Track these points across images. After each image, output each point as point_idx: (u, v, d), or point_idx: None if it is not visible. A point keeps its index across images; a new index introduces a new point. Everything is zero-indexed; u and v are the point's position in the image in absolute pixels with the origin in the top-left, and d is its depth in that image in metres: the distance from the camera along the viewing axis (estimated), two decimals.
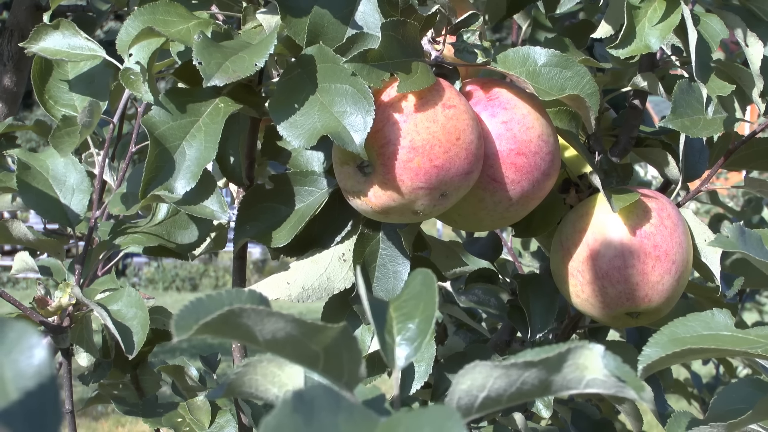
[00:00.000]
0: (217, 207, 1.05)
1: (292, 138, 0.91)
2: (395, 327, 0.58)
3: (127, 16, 1.97)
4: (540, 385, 0.54)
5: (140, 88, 1.06)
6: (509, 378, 0.53)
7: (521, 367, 0.52)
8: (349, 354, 0.53)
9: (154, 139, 0.98)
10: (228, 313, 0.49)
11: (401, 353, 0.57)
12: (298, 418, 0.39)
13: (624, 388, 0.54)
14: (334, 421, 0.40)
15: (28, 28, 1.78)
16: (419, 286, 0.59)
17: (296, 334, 0.51)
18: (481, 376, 0.53)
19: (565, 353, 0.52)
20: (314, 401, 0.40)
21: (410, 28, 0.94)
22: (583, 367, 0.53)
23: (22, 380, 0.37)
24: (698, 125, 1.05)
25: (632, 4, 1.07)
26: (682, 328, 0.80)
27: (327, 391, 0.41)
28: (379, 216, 0.97)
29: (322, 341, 0.52)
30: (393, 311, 0.59)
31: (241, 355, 1.24)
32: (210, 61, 0.91)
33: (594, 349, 0.53)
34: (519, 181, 1.00)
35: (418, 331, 0.57)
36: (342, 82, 0.92)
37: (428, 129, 0.92)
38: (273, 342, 0.51)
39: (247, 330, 0.50)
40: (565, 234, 1.13)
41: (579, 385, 0.54)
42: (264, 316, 0.50)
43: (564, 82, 0.99)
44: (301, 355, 0.53)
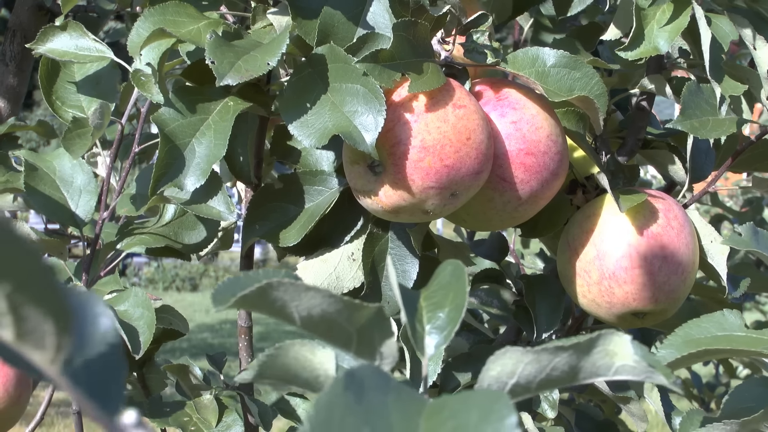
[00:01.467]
0: (223, 207, 1.06)
1: (303, 137, 0.92)
2: (425, 316, 0.58)
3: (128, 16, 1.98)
4: (570, 371, 0.54)
5: (151, 89, 1.06)
6: (540, 363, 0.53)
7: (552, 351, 0.52)
8: (381, 336, 0.54)
9: (164, 135, 0.98)
10: (266, 286, 0.49)
11: (431, 341, 0.57)
12: (349, 397, 0.39)
13: (654, 373, 0.54)
14: (384, 401, 0.40)
15: (30, 29, 1.78)
16: (449, 277, 0.60)
17: (332, 311, 0.51)
18: (511, 362, 0.53)
19: (595, 338, 0.53)
20: (364, 380, 0.41)
21: (421, 28, 0.94)
22: (612, 353, 0.53)
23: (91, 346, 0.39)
24: (707, 126, 1.06)
25: (641, 6, 1.07)
26: (696, 329, 0.80)
27: (376, 372, 0.42)
28: (389, 215, 0.98)
29: (357, 321, 0.52)
30: (423, 300, 0.59)
31: (248, 354, 1.24)
32: (223, 60, 0.91)
33: (623, 336, 0.53)
34: (528, 181, 1.00)
35: (448, 320, 0.58)
36: (353, 82, 0.92)
37: (439, 129, 0.93)
38: (308, 319, 0.52)
39: (283, 305, 0.51)
40: (572, 234, 1.13)
41: (608, 371, 0.54)
42: (301, 290, 0.50)
43: (573, 83, 0.99)
44: (336, 334, 0.53)
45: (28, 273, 0.34)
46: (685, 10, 1.07)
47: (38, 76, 1.25)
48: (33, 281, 0.34)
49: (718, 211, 2.82)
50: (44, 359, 0.37)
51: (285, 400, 1.32)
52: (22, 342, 0.36)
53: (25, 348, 0.36)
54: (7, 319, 0.35)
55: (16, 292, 0.34)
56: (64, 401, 5.30)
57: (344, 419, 0.38)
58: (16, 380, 1.52)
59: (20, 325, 0.36)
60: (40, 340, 0.36)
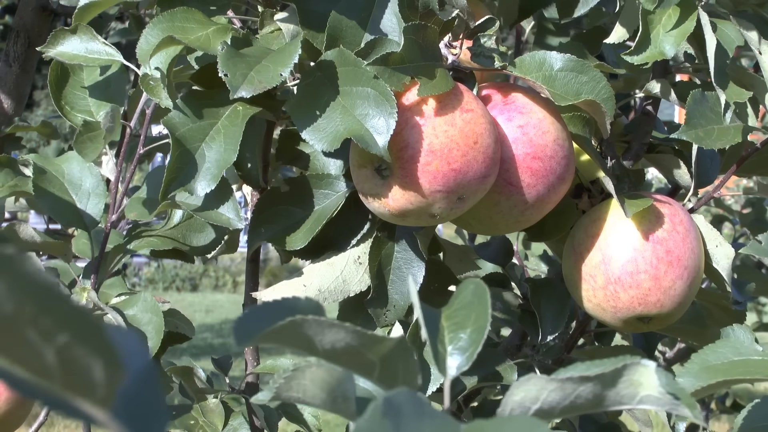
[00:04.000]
0: (232, 214, 1.06)
1: (315, 141, 0.92)
2: (447, 336, 0.59)
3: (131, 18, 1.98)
4: (594, 399, 0.54)
5: (160, 93, 1.06)
6: (564, 392, 0.53)
7: (577, 381, 0.53)
8: (405, 365, 0.54)
9: (175, 139, 0.99)
10: (290, 324, 0.50)
11: (453, 363, 0.58)
12: (387, 423, 0.40)
13: (678, 405, 0.54)
14: (420, 426, 0.41)
15: (34, 30, 1.78)
16: (470, 296, 0.60)
17: (355, 344, 0.52)
18: (535, 389, 0.53)
19: (621, 369, 0.53)
20: (401, 407, 0.41)
21: (430, 32, 0.95)
22: (637, 384, 0.54)
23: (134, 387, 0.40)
24: (712, 136, 1.06)
25: (647, 10, 1.07)
26: (713, 355, 0.81)
27: (413, 397, 0.42)
28: (396, 219, 0.98)
29: (380, 351, 0.52)
30: (444, 320, 0.59)
31: (253, 358, 1.24)
32: (235, 72, 0.91)
33: (649, 366, 0.54)
34: (535, 185, 1.01)
35: (470, 341, 0.58)
36: (363, 85, 0.92)
37: (446, 132, 0.93)
38: (331, 352, 0.52)
39: (307, 340, 0.51)
40: (577, 239, 1.13)
41: (632, 401, 0.55)
42: (325, 327, 0.51)
43: (580, 87, 1.00)
44: (358, 364, 0.53)
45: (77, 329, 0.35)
46: (691, 15, 1.07)
47: (47, 81, 1.25)
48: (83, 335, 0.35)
49: (719, 212, 2.82)
50: (94, 406, 0.37)
51: (291, 403, 1.32)
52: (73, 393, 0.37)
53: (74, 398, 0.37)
54: (58, 372, 0.36)
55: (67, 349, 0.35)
56: None
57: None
58: None
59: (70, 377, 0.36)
60: (90, 391, 0.37)
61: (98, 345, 0.35)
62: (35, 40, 1.77)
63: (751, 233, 2.53)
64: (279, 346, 0.53)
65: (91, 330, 0.35)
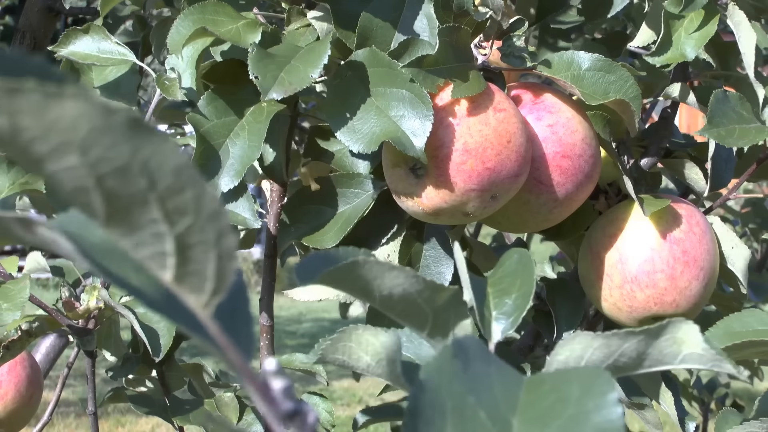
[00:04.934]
0: (249, 214, 1.06)
1: (351, 143, 0.93)
2: (492, 302, 0.59)
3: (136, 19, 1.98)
4: (637, 357, 0.55)
5: (176, 92, 1.07)
6: (609, 348, 0.54)
7: (622, 336, 0.53)
8: (456, 317, 0.55)
9: (200, 135, 0.99)
10: (352, 264, 0.50)
11: (497, 327, 0.59)
12: (457, 363, 0.40)
13: (722, 362, 0.55)
14: (487, 371, 0.42)
15: (40, 30, 1.78)
16: (515, 265, 0.61)
17: (412, 291, 0.52)
18: (580, 347, 0.54)
19: (664, 325, 0.54)
20: (470, 350, 0.42)
21: (463, 33, 0.96)
22: (680, 341, 0.54)
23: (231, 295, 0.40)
24: (734, 135, 1.07)
25: (670, 13, 1.09)
26: (737, 323, 0.82)
27: (480, 344, 0.43)
28: (430, 218, 0.99)
29: (435, 302, 0.53)
30: (490, 287, 0.60)
31: (269, 353, 1.24)
32: (266, 74, 0.92)
33: (692, 324, 0.54)
34: (564, 184, 1.02)
35: (515, 306, 0.59)
36: (398, 87, 0.93)
37: (481, 132, 0.94)
38: (388, 298, 0.53)
39: (366, 283, 0.52)
40: (594, 238, 1.14)
41: (675, 359, 0.55)
42: (386, 269, 0.51)
43: (608, 86, 1.01)
44: (413, 314, 0.54)
45: (203, 215, 0.34)
46: (713, 19, 1.08)
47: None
48: (206, 223, 0.35)
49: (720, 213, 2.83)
50: (199, 303, 0.37)
51: (304, 399, 1.32)
52: (181, 284, 0.36)
53: (182, 290, 0.37)
54: (172, 260, 0.35)
55: (188, 233, 0.35)
56: (64, 401, 5.27)
57: (452, 385, 0.39)
58: (27, 381, 1.52)
59: (183, 266, 0.36)
60: (200, 283, 0.36)
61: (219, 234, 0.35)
62: (41, 40, 1.77)
63: (751, 233, 2.55)
64: (338, 288, 0.53)
65: (215, 218, 0.34)
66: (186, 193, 0.33)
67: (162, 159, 0.32)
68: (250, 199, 1.07)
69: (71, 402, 5.39)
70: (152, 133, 0.31)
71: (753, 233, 2.52)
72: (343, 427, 4.62)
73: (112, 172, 0.32)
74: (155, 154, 0.32)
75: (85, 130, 0.31)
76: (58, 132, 0.31)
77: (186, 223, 0.34)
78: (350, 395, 5.75)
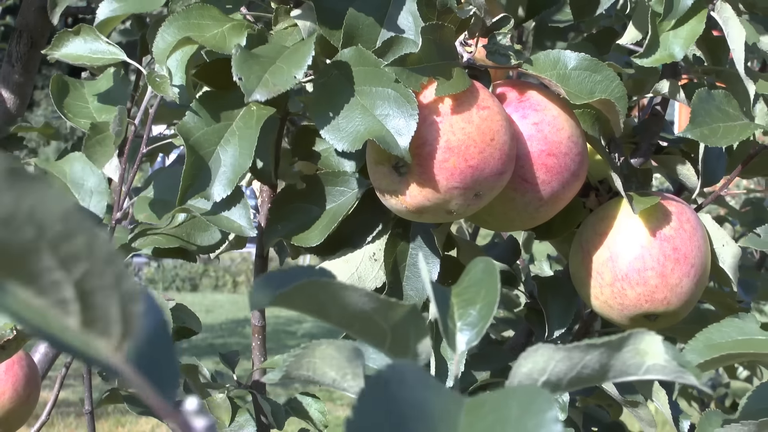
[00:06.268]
0: (244, 221, 1.06)
1: (335, 141, 0.93)
2: (456, 312, 0.59)
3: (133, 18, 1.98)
4: (600, 369, 0.54)
5: (167, 89, 1.06)
6: (571, 361, 0.53)
7: (583, 349, 0.53)
8: (416, 334, 0.54)
9: (189, 146, 0.99)
10: (306, 285, 0.50)
11: (462, 338, 0.58)
12: (392, 389, 0.40)
13: (684, 373, 0.54)
14: (425, 395, 0.41)
15: (37, 30, 1.78)
16: (480, 274, 0.60)
17: (367, 309, 0.52)
18: (542, 359, 0.53)
19: (626, 337, 0.53)
20: (405, 375, 0.41)
21: (447, 31, 0.96)
22: (643, 352, 0.54)
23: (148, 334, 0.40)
24: (717, 134, 1.07)
25: (656, 12, 1.08)
26: (717, 333, 0.82)
27: (415, 368, 0.43)
28: (413, 216, 0.99)
29: (392, 318, 0.53)
30: (454, 297, 0.60)
31: (261, 353, 1.25)
32: (249, 75, 0.92)
33: (655, 335, 0.54)
34: (549, 182, 1.02)
35: (479, 317, 0.58)
36: (384, 86, 0.93)
37: (463, 130, 0.94)
38: (344, 317, 0.52)
39: (321, 303, 0.52)
40: (585, 236, 1.14)
41: (638, 370, 0.55)
42: (338, 289, 0.51)
43: (593, 85, 1.01)
44: (370, 331, 0.54)
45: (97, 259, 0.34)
46: (701, 16, 1.08)
47: (50, 91, 1.25)
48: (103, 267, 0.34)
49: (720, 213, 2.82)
50: (109, 347, 0.37)
51: (297, 400, 1.33)
52: (88, 330, 0.36)
53: (90, 336, 0.36)
54: (75, 306, 0.35)
55: (86, 279, 0.34)
56: (64, 401, 5.28)
57: (389, 410, 0.39)
58: (25, 380, 1.53)
59: (87, 312, 0.35)
60: (107, 328, 0.36)
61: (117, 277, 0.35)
62: (38, 40, 1.77)
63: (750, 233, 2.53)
64: (293, 309, 0.53)
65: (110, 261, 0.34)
66: (77, 239, 0.33)
67: (48, 206, 0.32)
68: (247, 207, 1.07)
69: (71, 402, 5.41)
70: (34, 180, 0.31)
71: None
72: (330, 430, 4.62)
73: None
74: (40, 201, 0.31)
75: None
76: None
77: (82, 269, 0.34)
78: (349, 396, 5.74)
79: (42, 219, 0.32)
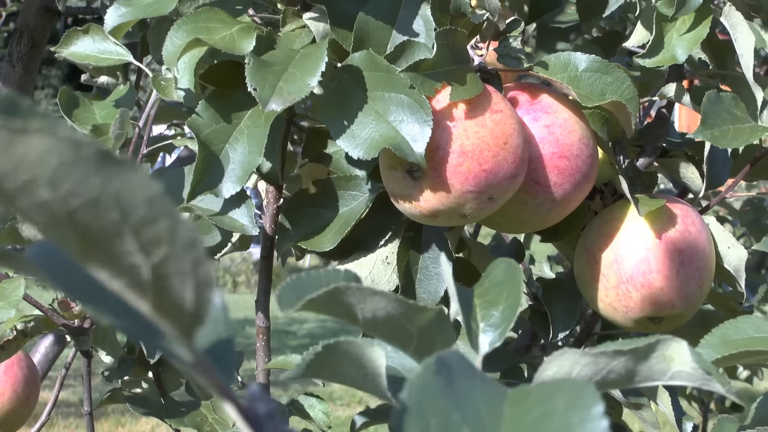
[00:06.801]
0: (247, 221, 1.06)
1: (351, 149, 0.93)
2: (479, 314, 0.59)
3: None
4: (626, 374, 0.54)
5: (172, 93, 1.06)
6: (597, 366, 0.53)
7: (610, 355, 0.53)
8: (442, 337, 0.54)
9: (200, 142, 0.99)
10: (334, 291, 0.50)
11: (485, 339, 0.58)
12: (440, 380, 0.40)
13: (711, 381, 0.55)
14: (470, 386, 0.41)
15: (37, 30, 1.78)
16: (502, 275, 0.60)
17: (395, 314, 0.52)
18: (568, 363, 0.53)
19: (654, 344, 0.53)
20: (453, 366, 0.42)
21: (460, 36, 0.96)
22: (669, 359, 0.54)
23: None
24: (728, 136, 1.07)
25: (662, 14, 1.09)
26: (733, 330, 0.82)
27: (463, 359, 0.43)
28: (427, 219, 0.99)
29: (419, 322, 0.53)
30: (477, 299, 0.60)
31: (265, 354, 1.25)
32: (264, 84, 0.91)
33: (681, 342, 0.54)
34: (561, 184, 1.02)
35: (502, 318, 0.58)
36: (397, 92, 0.93)
37: (477, 134, 0.94)
38: (372, 321, 0.53)
39: (349, 308, 0.52)
40: (590, 239, 1.14)
41: (663, 376, 0.55)
42: (367, 294, 0.51)
43: (604, 87, 1.01)
44: (397, 335, 0.54)
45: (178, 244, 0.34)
46: (706, 21, 1.08)
47: (58, 101, 1.24)
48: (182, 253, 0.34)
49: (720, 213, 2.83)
50: (179, 332, 0.37)
51: (300, 401, 1.33)
52: (160, 313, 0.36)
53: (161, 320, 0.37)
54: (149, 290, 0.35)
55: (164, 263, 0.34)
56: (64, 402, 5.26)
57: (436, 402, 0.39)
58: (24, 381, 1.53)
59: (161, 295, 0.36)
60: (179, 312, 0.36)
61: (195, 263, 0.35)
62: (38, 40, 1.77)
63: (750, 233, 2.55)
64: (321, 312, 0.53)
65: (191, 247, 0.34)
66: (160, 224, 0.33)
67: (134, 190, 0.32)
68: (250, 206, 1.07)
69: (72, 402, 5.39)
70: (122, 165, 0.31)
71: (752, 232, 2.51)
72: (343, 427, 4.62)
73: (84, 205, 0.32)
74: (126, 185, 0.32)
75: (54, 165, 0.31)
76: (27, 168, 0.31)
77: (161, 254, 0.34)
78: (350, 396, 5.75)
79: (126, 202, 0.32)
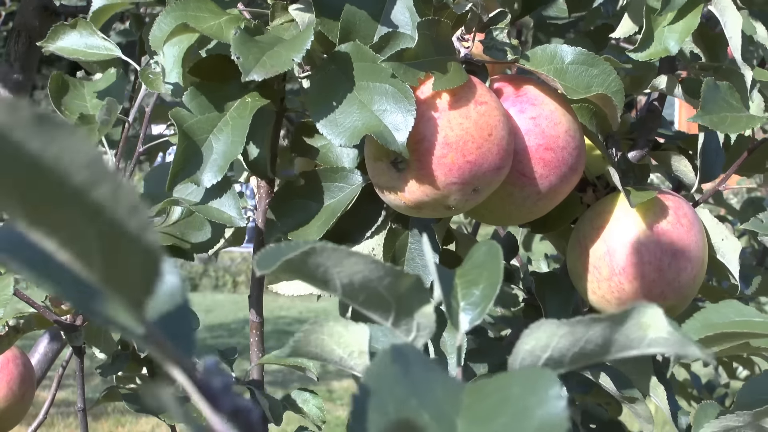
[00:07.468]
0: (234, 212, 1.06)
1: (333, 136, 0.93)
2: (460, 293, 0.60)
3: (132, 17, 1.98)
4: (603, 344, 0.54)
5: (160, 86, 1.06)
6: (574, 336, 0.53)
7: (586, 323, 0.53)
8: (420, 305, 0.55)
9: (182, 132, 1.00)
10: (309, 251, 0.50)
11: (465, 318, 0.59)
12: (397, 368, 0.41)
13: (687, 345, 0.54)
14: (428, 376, 0.42)
15: (35, 29, 1.79)
16: (483, 256, 0.61)
17: (373, 278, 0.52)
18: (545, 335, 0.53)
19: (629, 311, 0.53)
20: (409, 356, 0.42)
21: (444, 26, 0.96)
22: (646, 326, 0.53)
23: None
24: (725, 122, 1.07)
25: (651, 7, 1.08)
26: (715, 314, 0.81)
27: (419, 353, 0.44)
28: (412, 211, 0.99)
29: (397, 289, 0.53)
30: (458, 278, 0.60)
31: (259, 349, 1.25)
32: (248, 55, 0.92)
33: (657, 308, 0.53)
34: (547, 176, 1.02)
35: (482, 297, 0.59)
36: (381, 81, 0.93)
37: (461, 125, 0.94)
38: (349, 286, 0.53)
39: (325, 270, 0.51)
40: (582, 231, 1.14)
41: (641, 344, 0.55)
42: (344, 256, 0.51)
43: (590, 80, 1.01)
44: (375, 303, 0.54)
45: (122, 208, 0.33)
46: (696, 11, 1.08)
47: (48, 89, 1.25)
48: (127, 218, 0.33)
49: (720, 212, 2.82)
50: (129, 302, 0.36)
51: (294, 395, 1.33)
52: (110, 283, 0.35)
53: (111, 290, 0.35)
54: (97, 259, 0.34)
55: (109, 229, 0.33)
56: (64, 401, 5.28)
57: (393, 389, 0.40)
58: (20, 379, 1.53)
59: (108, 263, 0.34)
60: (129, 281, 0.35)
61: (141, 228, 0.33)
62: (36, 39, 1.78)
63: (750, 233, 2.54)
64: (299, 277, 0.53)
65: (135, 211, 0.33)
66: (102, 187, 0.32)
67: (74, 153, 0.31)
68: (236, 197, 1.07)
69: (71, 402, 5.40)
70: (61, 126, 0.30)
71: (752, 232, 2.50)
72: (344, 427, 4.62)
73: (24, 170, 0.30)
74: (66, 148, 0.30)
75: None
76: None
77: (105, 219, 0.33)
78: (350, 395, 5.75)
79: (67, 166, 0.31)
